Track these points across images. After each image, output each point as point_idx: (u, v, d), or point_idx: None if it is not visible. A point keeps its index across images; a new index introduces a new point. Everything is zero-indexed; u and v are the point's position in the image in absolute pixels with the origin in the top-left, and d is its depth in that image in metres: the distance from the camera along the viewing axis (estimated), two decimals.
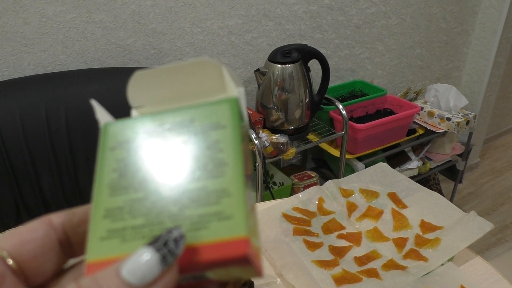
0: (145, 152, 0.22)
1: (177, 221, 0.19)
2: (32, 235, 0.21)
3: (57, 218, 0.22)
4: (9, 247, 0.20)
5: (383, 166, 0.85)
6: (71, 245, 0.23)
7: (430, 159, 1.82)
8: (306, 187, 1.44)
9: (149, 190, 0.20)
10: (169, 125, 0.22)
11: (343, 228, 0.73)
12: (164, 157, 0.21)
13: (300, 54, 1.30)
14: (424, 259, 0.65)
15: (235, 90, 0.23)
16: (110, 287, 0.17)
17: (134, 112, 0.25)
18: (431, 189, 0.77)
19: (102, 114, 0.24)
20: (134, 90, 0.25)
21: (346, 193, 0.79)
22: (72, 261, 0.23)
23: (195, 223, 0.19)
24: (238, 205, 0.19)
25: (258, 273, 0.20)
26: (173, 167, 0.21)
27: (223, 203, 0.19)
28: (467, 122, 1.68)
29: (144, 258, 0.17)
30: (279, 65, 1.28)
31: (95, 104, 0.24)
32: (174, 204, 0.20)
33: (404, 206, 0.76)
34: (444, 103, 1.72)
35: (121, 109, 0.25)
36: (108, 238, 0.20)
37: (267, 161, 1.26)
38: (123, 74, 1.14)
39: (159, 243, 0.17)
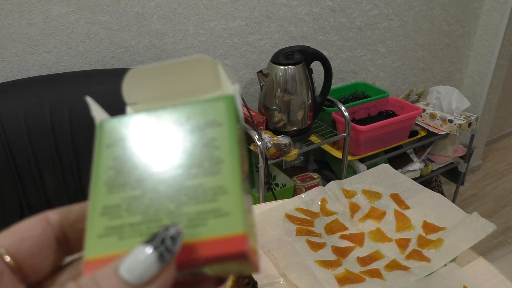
0: (141, 150, 0.22)
1: (174, 218, 0.19)
2: (30, 232, 0.21)
3: (54, 216, 0.22)
4: (6, 244, 0.20)
5: (385, 167, 0.85)
6: (68, 242, 0.23)
7: (432, 161, 1.82)
8: (308, 188, 1.45)
9: (146, 188, 0.20)
10: (165, 123, 0.22)
11: (346, 228, 0.74)
12: (160, 154, 0.21)
13: (302, 55, 1.30)
14: (427, 259, 0.65)
15: (230, 87, 0.23)
16: (109, 286, 0.17)
17: (128, 109, 0.25)
18: (433, 191, 0.78)
19: (97, 112, 0.24)
20: (129, 87, 0.25)
21: (348, 194, 0.80)
22: (69, 258, 0.23)
23: (193, 220, 0.19)
24: (235, 202, 0.19)
25: (255, 269, 0.20)
26: (169, 165, 0.21)
27: (220, 200, 0.19)
28: (469, 124, 1.68)
29: (142, 257, 0.17)
30: (281, 67, 1.28)
31: (90, 101, 0.24)
32: (171, 201, 0.20)
33: (407, 207, 0.76)
34: (446, 105, 1.72)
35: (124, 110, 0.25)
36: (105, 235, 0.20)
37: (269, 162, 1.26)
38: None
39: (156, 241, 0.17)
